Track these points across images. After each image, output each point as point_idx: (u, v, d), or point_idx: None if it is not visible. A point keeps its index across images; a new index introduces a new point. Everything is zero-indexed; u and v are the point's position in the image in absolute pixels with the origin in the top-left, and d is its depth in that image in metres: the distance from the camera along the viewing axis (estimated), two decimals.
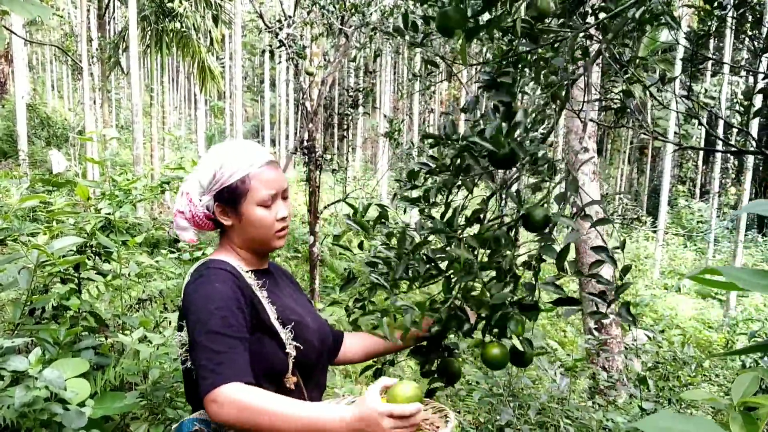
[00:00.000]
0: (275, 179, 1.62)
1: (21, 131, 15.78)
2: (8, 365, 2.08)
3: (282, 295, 1.67)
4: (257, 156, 1.61)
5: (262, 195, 1.59)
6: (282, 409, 1.32)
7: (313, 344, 1.62)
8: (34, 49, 31.71)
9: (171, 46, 17.34)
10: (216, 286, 1.49)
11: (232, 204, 1.60)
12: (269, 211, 1.61)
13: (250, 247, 1.66)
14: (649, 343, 6.02)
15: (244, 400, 1.32)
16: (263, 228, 1.62)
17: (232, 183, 1.58)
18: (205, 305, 1.45)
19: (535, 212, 1.61)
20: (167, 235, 11.86)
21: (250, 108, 43.62)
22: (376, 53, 7.96)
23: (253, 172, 1.59)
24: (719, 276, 0.72)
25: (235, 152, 1.61)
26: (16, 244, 2.94)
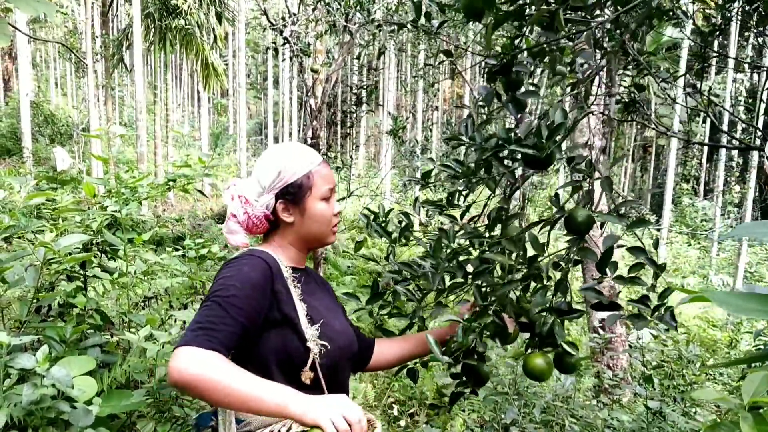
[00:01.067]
0: (330, 175, 1.74)
1: (25, 128, 15.81)
2: (16, 363, 2.07)
3: (314, 296, 1.70)
4: (314, 155, 1.71)
5: (323, 190, 1.69)
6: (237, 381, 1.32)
7: (338, 345, 1.63)
8: (38, 46, 31.76)
9: (174, 43, 17.35)
10: (245, 269, 1.53)
11: (297, 199, 1.67)
12: (328, 206, 1.71)
13: (304, 244, 1.74)
14: (654, 341, 6.02)
15: (204, 363, 1.32)
16: (323, 221, 1.71)
17: (297, 180, 1.66)
18: (227, 279, 1.50)
19: (578, 213, 1.57)
20: (170, 232, 11.87)
21: (254, 105, 43.64)
22: (380, 51, 7.94)
23: (315, 169, 1.69)
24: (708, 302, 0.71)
25: (296, 152, 1.69)
26: (22, 241, 2.94)
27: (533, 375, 1.63)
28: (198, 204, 18.31)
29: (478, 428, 4.43)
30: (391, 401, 5.68)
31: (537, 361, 1.63)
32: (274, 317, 1.55)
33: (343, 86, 24.46)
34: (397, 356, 1.97)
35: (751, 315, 0.67)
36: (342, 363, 1.67)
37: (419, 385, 5.81)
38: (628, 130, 29.56)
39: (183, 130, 31.89)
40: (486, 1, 1.52)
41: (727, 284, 14.96)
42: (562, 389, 4.19)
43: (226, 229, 1.72)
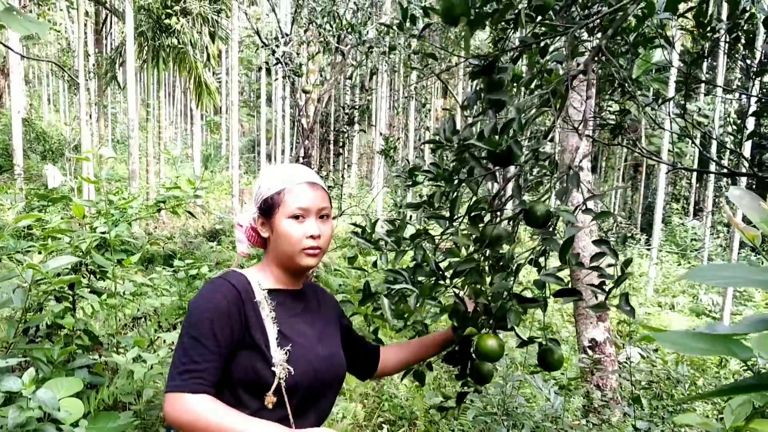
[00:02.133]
0: (309, 197, 1.70)
1: (16, 146, 15.76)
2: (2, 386, 2.08)
3: (296, 317, 1.73)
4: (297, 175, 1.72)
5: (291, 209, 1.67)
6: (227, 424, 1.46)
7: (313, 369, 1.66)
8: (31, 63, 31.77)
9: (167, 61, 17.42)
10: (217, 298, 1.58)
11: (267, 215, 1.71)
12: (299, 226, 1.68)
13: (282, 264, 1.74)
14: (643, 361, 6.03)
15: (195, 410, 1.46)
16: (290, 241, 1.68)
17: (269, 195, 1.70)
18: (201, 311, 1.56)
19: (537, 207, 1.64)
20: (162, 250, 11.84)
21: (247, 123, 43.70)
22: (372, 71, 8.01)
23: (289, 188, 1.69)
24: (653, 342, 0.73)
25: (278, 170, 1.75)
26: (11, 262, 2.94)
27: (484, 354, 1.69)
28: (189, 222, 18.29)
29: None
30: (380, 421, 5.66)
31: (489, 342, 1.68)
32: (244, 340, 1.59)
33: (336, 105, 24.54)
34: (402, 361, 2.04)
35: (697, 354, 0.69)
36: (317, 387, 1.68)
37: (409, 405, 5.79)
38: (619, 150, 29.75)
39: (175, 150, 31.89)
40: (460, 8, 1.58)
41: (717, 303, 15.02)
42: (551, 409, 4.20)
43: (236, 237, 1.82)
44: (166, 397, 1.49)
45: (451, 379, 7.35)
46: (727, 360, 9.11)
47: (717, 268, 0.73)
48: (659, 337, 0.71)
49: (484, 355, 1.70)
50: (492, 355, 1.69)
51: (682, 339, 0.71)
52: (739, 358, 0.70)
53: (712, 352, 0.70)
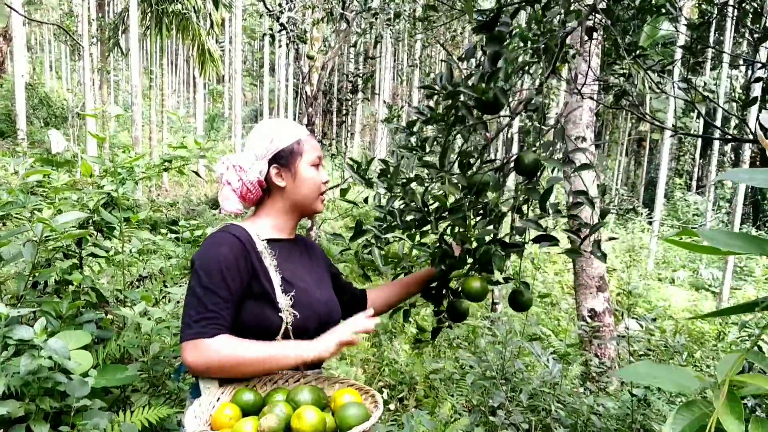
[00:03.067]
0: (318, 146, 1.85)
1: (20, 111, 15.74)
2: (14, 334, 2.12)
3: (296, 264, 1.81)
4: (301, 128, 1.84)
5: (313, 156, 1.80)
6: (250, 353, 1.57)
7: (316, 313, 1.74)
8: (33, 28, 31.55)
9: (171, 28, 17.29)
10: (222, 249, 1.65)
11: (289, 164, 1.79)
12: (317, 173, 1.82)
13: (294, 209, 1.84)
14: (641, 331, 6.09)
15: (216, 349, 1.53)
16: (313, 186, 1.81)
17: (288, 146, 1.78)
18: (209, 262, 1.62)
19: (526, 156, 1.70)
20: (165, 217, 11.89)
21: (249, 93, 43.48)
22: (376, 39, 7.97)
23: (304, 138, 1.81)
24: (696, 238, 0.75)
25: (286, 123, 1.84)
26: (20, 219, 2.98)
27: (470, 295, 1.79)
28: (192, 189, 18.31)
29: (466, 412, 4.50)
30: (381, 385, 5.75)
31: (474, 283, 1.78)
32: (253, 289, 1.67)
33: (340, 75, 24.40)
34: (388, 302, 2.14)
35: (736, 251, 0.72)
36: (319, 330, 1.75)
37: (409, 370, 5.88)
38: (623, 124, 29.61)
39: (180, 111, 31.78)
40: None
41: (717, 278, 15.08)
42: (549, 376, 4.25)
43: (221, 197, 1.82)
44: (183, 347, 1.55)
45: (451, 347, 7.44)
46: (725, 333, 9.18)
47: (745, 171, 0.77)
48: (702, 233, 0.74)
49: (470, 296, 1.79)
50: (478, 295, 1.79)
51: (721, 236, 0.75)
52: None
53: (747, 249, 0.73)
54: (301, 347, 1.60)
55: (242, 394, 1.53)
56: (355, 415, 1.44)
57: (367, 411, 1.48)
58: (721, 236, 0.75)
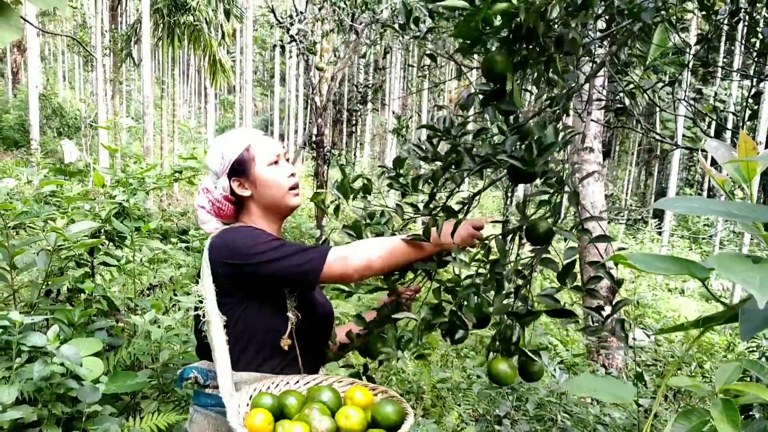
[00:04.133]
0: (272, 144, 1.83)
1: (33, 121, 15.93)
2: (28, 341, 2.18)
3: None
4: (252, 132, 1.85)
5: (267, 156, 1.79)
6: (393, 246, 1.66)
7: (317, 314, 1.80)
8: (46, 39, 31.91)
9: (183, 39, 17.46)
10: (253, 226, 1.75)
11: (244, 173, 1.78)
12: (278, 169, 1.80)
13: (270, 212, 1.84)
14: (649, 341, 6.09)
15: (364, 245, 1.67)
16: (277, 185, 1.79)
17: (239, 155, 1.77)
18: (254, 239, 1.68)
19: (540, 225, 1.63)
20: (175, 226, 11.98)
21: (260, 102, 43.74)
22: (385, 50, 8.05)
23: (252, 142, 1.79)
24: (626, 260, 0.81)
25: (231, 135, 1.84)
26: (34, 228, 3.05)
27: (497, 380, 1.66)
28: None
29: (473, 421, 4.52)
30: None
31: (500, 366, 1.65)
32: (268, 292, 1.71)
33: (350, 85, 24.54)
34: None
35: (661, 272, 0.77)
36: (320, 332, 1.82)
37: (417, 379, 5.90)
38: (633, 134, 29.55)
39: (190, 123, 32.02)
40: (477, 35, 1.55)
41: (727, 288, 15.01)
42: (556, 386, 4.26)
43: (199, 222, 1.87)
44: (325, 269, 1.62)
45: (459, 357, 7.46)
46: (735, 344, 9.14)
47: (680, 199, 0.82)
48: (629, 256, 0.79)
49: (497, 380, 1.66)
50: (506, 380, 1.65)
51: (648, 259, 0.79)
52: (697, 277, 0.78)
53: (672, 271, 0.77)
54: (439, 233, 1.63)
55: (261, 398, 1.53)
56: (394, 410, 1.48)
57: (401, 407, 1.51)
58: (648, 259, 0.80)
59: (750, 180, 0.96)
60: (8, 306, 2.81)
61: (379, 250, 1.64)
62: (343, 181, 1.90)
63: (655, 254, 0.82)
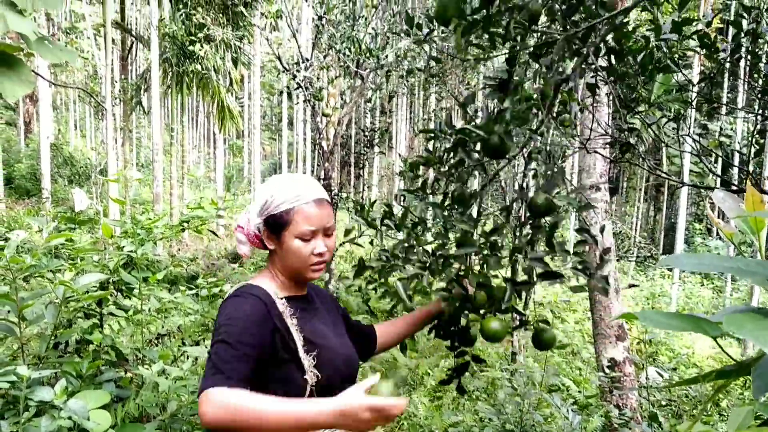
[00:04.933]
0: (318, 216, 1.73)
1: (45, 170, 16.13)
2: (35, 396, 2.18)
3: (314, 320, 1.81)
4: (306, 192, 1.74)
5: (301, 229, 1.71)
6: (267, 408, 1.40)
7: (338, 369, 1.75)
8: (58, 90, 32.49)
9: (191, 86, 17.73)
10: (245, 308, 1.65)
11: (275, 231, 1.75)
12: (307, 245, 1.73)
13: (289, 274, 1.80)
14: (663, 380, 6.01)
15: (231, 401, 1.40)
16: (299, 259, 1.74)
17: (278, 213, 1.72)
18: (229, 319, 1.62)
19: (538, 197, 1.75)
20: (185, 272, 12.00)
21: (268, 146, 44.14)
22: (390, 94, 8.17)
23: (298, 207, 1.71)
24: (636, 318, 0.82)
25: (287, 185, 1.75)
26: (43, 280, 3.07)
27: (488, 336, 1.80)
28: (212, 244, 18.49)
29: None
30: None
31: (492, 324, 1.79)
32: (281, 356, 1.67)
33: (356, 128, 24.78)
34: (396, 336, 2.15)
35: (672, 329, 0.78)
36: (341, 385, 1.76)
37: (428, 423, 5.83)
38: (640, 170, 29.56)
39: (198, 171, 32.33)
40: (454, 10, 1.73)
41: None
42: (569, 427, 4.21)
43: (236, 238, 1.86)
44: (199, 402, 1.45)
45: (470, 399, 7.36)
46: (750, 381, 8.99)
47: (689, 256, 0.83)
48: (641, 315, 0.80)
49: (489, 336, 1.81)
50: (496, 336, 1.80)
51: (660, 317, 0.80)
52: (710, 335, 0.79)
53: (683, 328, 0.78)
54: (320, 405, 1.42)
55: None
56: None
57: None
58: (658, 317, 0.81)
59: (758, 232, 0.97)
60: (17, 359, 2.82)
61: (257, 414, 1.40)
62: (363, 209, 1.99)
63: (665, 312, 0.83)
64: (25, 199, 19.79)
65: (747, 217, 0.99)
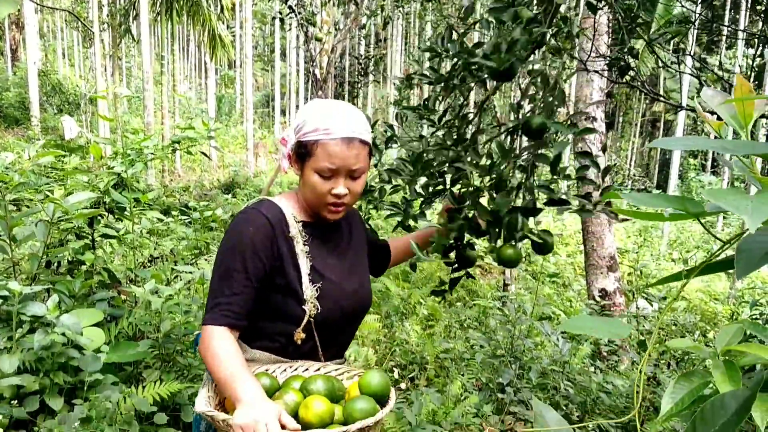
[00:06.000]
0: (342, 156, 1.61)
1: (33, 98, 15.86)
2: (27, 310, 2.18)
3: (328, 250, 1.75)
4: (338, 126, 1.61)
5: (320, 165, 1.61)
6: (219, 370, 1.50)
7: (339, 305, 1.71)
8: (45, 16, 31.66)
9: (181, 13, 17.29)
10: (250, 230, 1.62)
11: (300, 158, 1.65)
12: (325, 183, 1.63)
13: (308, 204, 1.72)
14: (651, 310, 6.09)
15: (210, 348, 1.54)
16: (314, 195, 1.65)
17: (305, 140, 1.62)
18: (233, 243, 1.61)
19: (533, 120, 1.74)
20: (178, 201, 11.98)
21: (261, 78, 43.47)
22: (385, 20, 7.96)
23: (324, 141, 1.60)
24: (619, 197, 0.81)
25: (322, 113, 1.63)
26: (33, 201, 3.04)
27: (506, 262, 1.85)
28: (205, 174, 18.41)
29: (476, 390, 4.54)
30: (392, 365, 5.80)
31: (508, 251, 1.82)
32: (278, 282, 1.64)
33: (350, 58, 24.38)
34: (404, 253, 2.15)
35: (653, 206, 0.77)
36: (342, 322, 1.74)
37: (419, 350, 5.92)
38: (636, 105, 29.37)
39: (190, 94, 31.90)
40: None
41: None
42: (559, 355, 4.28)
43: (279, 150, 1.77)
44: (203, 330, 1.58)
45: (462, 328, 7.47)
46: (738, 313, 9.15)
47: (675, 139, 0.81)
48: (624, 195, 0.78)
49: (505, 262, 1.84)
50: (511, 261, 1.84)
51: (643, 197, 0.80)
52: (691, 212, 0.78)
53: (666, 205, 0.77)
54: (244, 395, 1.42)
55: (260, 379, 1.54)
56: (362, 409, 1.46)
57: (376, 406, 1.48)
58: (643, 197, 0.80)
59: (746, 125, 0.95)
60: (9, 278, 2.81)
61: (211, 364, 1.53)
62: None
63: (650, 194, 0.81)
64: (14, 128, 19.53)
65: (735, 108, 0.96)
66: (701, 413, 0.82)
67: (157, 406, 2.40)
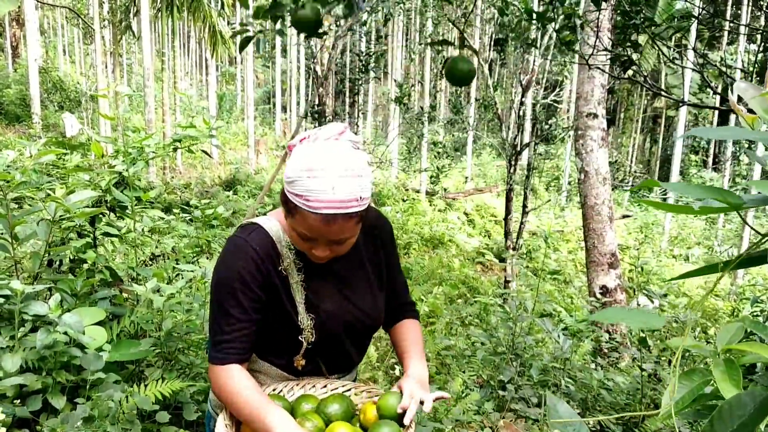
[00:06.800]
0: (320, 231, 1.46)
1: (34, 95, 15.84)
2: (30, 309, 2.18)
3: (325, 278, 1.66)
4: (320, 199, 1.40)
5: (299, 230, 1.49)
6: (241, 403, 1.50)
7: (340, 332, 1.66)
8: (45, 12, 31.64)
9: (182, 10, 17.27)
10: (239, 264, 1.55)
11: (284, 206, 1.52)
12: (305, 242, 1.52)
13: None
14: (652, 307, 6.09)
15: (227, 385, 1.53)
16: (297, 245, 1.57)
17: (289, 196, 1.46)
18: (223, 279, 1.57)
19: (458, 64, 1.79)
20: (179, 199, 11.98)
21: (262, 74, 43.42)
22: (386, 17, 7.94)
23: (304, 211, 1.42)
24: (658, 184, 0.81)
25: (310, 176, 1.41)
26: (34, 199, 3.04)
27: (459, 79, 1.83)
28: (206, 171, 18.42)
29: (477, 387, 4.55)
30: (393, 362, 5.81)
31: (461, 65, 1.82)
32: (274, 314, 1.59)
33: (351, 55, 24.36)
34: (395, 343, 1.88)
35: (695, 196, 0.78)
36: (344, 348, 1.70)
37: None
38: (638, 101, 29.32)
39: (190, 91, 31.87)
40: None
41: (731, 255, 14.98)
42: (560, 351, 4.28)
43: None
44: (209, 368, 1.60)
45: (463, 325, 7.49)
46: (739, 310, 9.15)
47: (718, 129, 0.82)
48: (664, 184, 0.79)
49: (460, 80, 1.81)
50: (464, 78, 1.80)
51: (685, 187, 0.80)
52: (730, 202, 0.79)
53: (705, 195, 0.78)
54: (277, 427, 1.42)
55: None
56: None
57: (399, 429, 1.49)
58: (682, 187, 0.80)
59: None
60: (11, 277, 2.81)
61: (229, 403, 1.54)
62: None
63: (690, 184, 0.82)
64: (15, 125, 19.52)
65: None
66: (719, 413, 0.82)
67: (159, 405, 2.40)
